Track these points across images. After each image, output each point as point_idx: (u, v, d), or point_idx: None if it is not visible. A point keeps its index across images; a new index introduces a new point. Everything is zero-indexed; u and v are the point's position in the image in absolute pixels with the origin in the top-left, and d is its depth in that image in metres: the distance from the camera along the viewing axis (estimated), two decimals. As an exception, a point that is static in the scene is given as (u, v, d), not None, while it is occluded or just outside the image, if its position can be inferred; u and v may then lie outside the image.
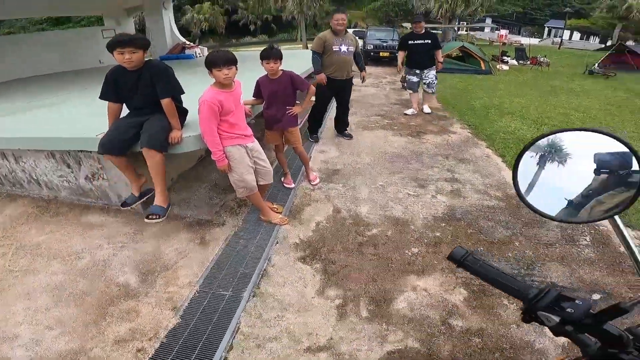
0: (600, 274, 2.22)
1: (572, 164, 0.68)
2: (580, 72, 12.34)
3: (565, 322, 0.56)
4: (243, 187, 2.50)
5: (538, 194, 0.70)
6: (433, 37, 5.41)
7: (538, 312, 0.57)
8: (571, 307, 0.56)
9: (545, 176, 0.70)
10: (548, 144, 0.69)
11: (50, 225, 2.84)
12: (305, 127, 4.98)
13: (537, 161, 0.71)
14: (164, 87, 2.39)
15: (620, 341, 0.56)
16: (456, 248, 0.67)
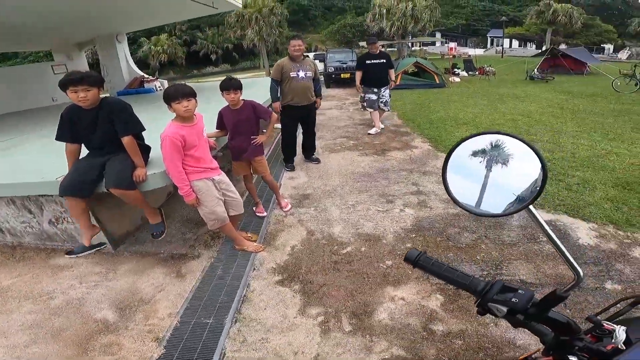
0: (563, 268, 2.38)
1: (517, 164, 0.73)
2: (522, 79, 13.40)
3: (513, 312, 0.59)
4: (214, 220, 2.49)
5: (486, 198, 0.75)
6: (387, 56, 5.80)
7: (488, 304, 0.60)
8: (515, 297, 0.59)
9: (494, 178, 0.74)
10: (492, 148, 0.75)
11: (17, 269, 2.74)
12: (274, 155, 5.06)
13: (485, 165, 0.75)
14: (123, 125, 2.35)
15: (569, 327, 0.61)
16: (410, 250, 0.71)
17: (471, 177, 0.76)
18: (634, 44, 39.46)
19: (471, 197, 0.76)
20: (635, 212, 3.02)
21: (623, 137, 5.19)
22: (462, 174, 0.78)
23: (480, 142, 0.75)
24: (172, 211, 3.47)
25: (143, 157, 2.49)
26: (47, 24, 6.50)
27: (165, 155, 2.25)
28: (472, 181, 0.76)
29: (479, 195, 0.75)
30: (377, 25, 26.83)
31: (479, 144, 0.75)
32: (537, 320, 0.61)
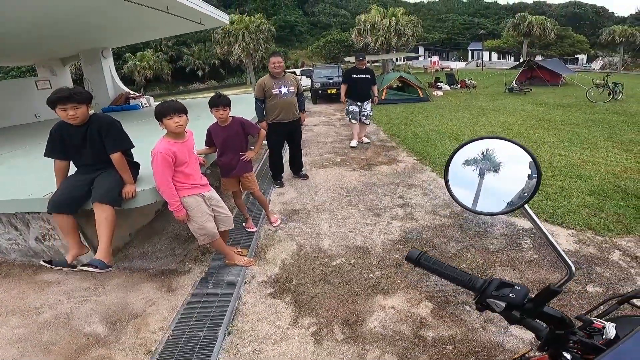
0: (545, 273, 2.48)
1: (507, 171, 0.78)
2: (502, 91, 13.87)
3: (510, 307, 0.62)
4: (204, 235, 2.50)
5: (484, 198, 0.80)
6: (372, 72, 6.11)
7: (487, 300, 0.64)
8: (512, 292, 0.63)
9: (486, 184, 0.79)
10: (483, 157, 0.80)
11: (3, 285, 2.70)
12: (263, 171, 5.10)
13: (478, 173, 0.80)
14: (112, 141, 2.35)
15: (564, 322, 0.64)
16: (411, 250, 0.75)
17: (465, 185, 0.82)
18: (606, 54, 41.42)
19: (467, 203, 0.82)
20: (612, 218, 3.16)
21: (598, 147, 5.44)
22: (457, 183, 0.84)
23: (473, 151, 0.81)
24: (160, 228, 3.46)
25: (132, 174, 2.50)
26: (30, 38, 6.44)
27: (156, 171, 2.27)
28: (466, 189, 0.82)
29: (472, 202, 0.81)
30: (362, 40, 27.50)
31: (471, 153, 0.82)
32: (532, 316, 0.63)
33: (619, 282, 2.34)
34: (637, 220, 3.08)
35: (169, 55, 40.32)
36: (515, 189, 0.78)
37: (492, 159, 0.79)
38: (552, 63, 17.41)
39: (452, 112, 9.42)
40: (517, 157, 0.77)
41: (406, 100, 11.67)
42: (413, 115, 9.16)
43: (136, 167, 2.64)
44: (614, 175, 4.13)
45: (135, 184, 2.51)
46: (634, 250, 2.68)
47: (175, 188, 2.35)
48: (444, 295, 2.31)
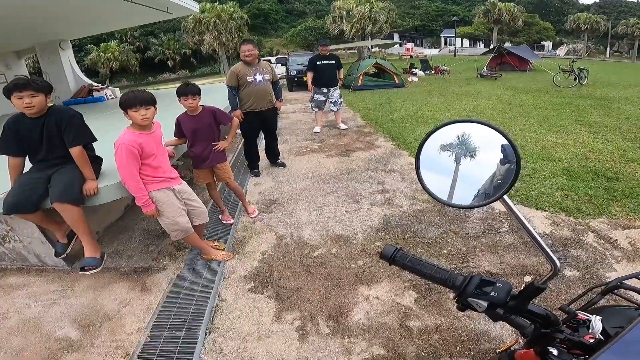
0: (524, 257, 2.51)
1: (482, 156, 0.72)
2: (474, 77, 14.17)
3: (493, 306, 0.58)
4: (177, 230, 2.40)
5: (461, 187, 0.74)
6: (336, 57, 6.05)
7: (468, 300, 0.59)
8: (494, 290, 0.58)
9: (463, 171, 0.73)
10: (459, 142, 0.73)
11: None
12: (238, 161, 4.96)
13: (453, 159, 0.74)
14: (73, 135, 2.20)
15: (549, 320, 0.61)
16: (386, 247, 0.68)
17: (441, 171, 0.76)
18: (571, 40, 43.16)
19: (443, 191, 0.75)
20: (584, 199, 3.26)
21: (566, 129, 5.63)
22: (433, 169, 0.77)
23: (448, 136, 0.75)
24: (130, 225, 3.29)
25: (94, 169, 2.34)
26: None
27: (121, 164, 2.13)
28: (442, 175, 0.75)
29: (449, 190, 0.75)
30: (337, 27, 27.26)
31: (447, 138, 0.75)
32: (517, 313, 0.60)
33: (594, 265, 2.39)
34: (607, 201, 3.18)
35: (135, 45, 38.62)
36: (488, 180, 0.73)
37: (468, 144, 0.73)
38: (520, 49, 17.94)
39: (427, 98, 9.51)
40: (494, 142, 0.71)
41: (382, 86, 11.70)
42: (389, 101, 9.18)
43: (98, 162, 2.49)
44: (583, 157, 4.28)
45: (98, 180, 2.37)
46: (607, 231, 2.76)
47: (143, 182, 2.22)
48: (427, 283, 2.29)
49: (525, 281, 2.26)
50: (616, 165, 3.97)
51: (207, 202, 3.57)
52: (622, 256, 2.45)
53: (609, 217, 2.94)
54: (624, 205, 3.10)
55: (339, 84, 6.18)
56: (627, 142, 4.78)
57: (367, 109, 8.18)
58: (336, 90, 6.10)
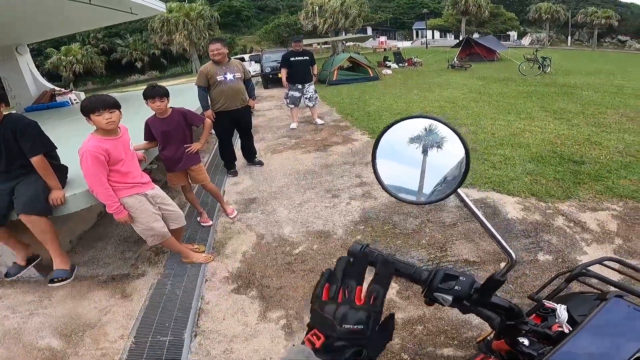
0: None
1: (448, 147, 0.70)
2: (445, 67, 14.49)
3: (458, 300, 0.58)
4: (153, 236, 2.35)
5: (430, 177, 0.71)
6: (310, 53, 6.07)
7: (434, 294, 0.59)
8: (457, 284, 0.58)
9: (430, 162, 0.71)
10: (426, 133, 0.71)
11: None
12: (215, 161, 4.87)
13: (421, 150, 0.71)
14: (30, 144, 2.11)
15: (513, 312, 0.62)
16: (353, 245, 0.66)
17: (409, 163, 0.74)
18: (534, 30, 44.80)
19: (412, 183, 0.73)
20: (552, 183, 3.39)
21: (533, 116, 5.85)
22: (401, 161, 0.75)
23: (415, 128, 0.73)
24: (105, 232, 3.18)
25: (59, 178, 2.26)
26: None
27: (87, 171, 2.06)
28: (411, 167, 0.73)
29: (419, 181, 0.73)
30: (310, 22, 27.10)
31: (413, 129, 0.73)
32: (481, 306, 0.61)
33: (566, 248, 2.48)
34: (575, 185, 3.32)
35: (99, 47, 37.10)
36: (453, 171, 0.72)
37: (435, 135, 0.71)
38: (487, 40, 18.50)
39: (401, 90, 9.65)
40: (449, 136, 0.70)
41: (357, 80, 11.77)
42: (364, 94, 9.25)
43: (63, 171, 2.39)
44: (549, 142, 4.46)
45: (65, 189, 2.29)
46: (575, 214, 2.88)
47: (113, 189, 2.15)
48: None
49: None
50: (581, 149, 4.16)
51: (184, 205, 3.50)
52: (591, 239, 2.56)
53: (577, 200, 3.08)
54: (591, 187, 3.25)
55: (314, 79, 6.19)
56: (590, 127, 5.02)
57: (342, 103, 8.21)
58: (311, 86, 6.12)
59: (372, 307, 0.49)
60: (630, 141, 4.29)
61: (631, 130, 4.71)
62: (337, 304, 0.49)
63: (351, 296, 0.50)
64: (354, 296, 0.50)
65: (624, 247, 2.44)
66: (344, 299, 0.50)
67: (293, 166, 4.52)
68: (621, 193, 3.10)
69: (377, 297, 0.49)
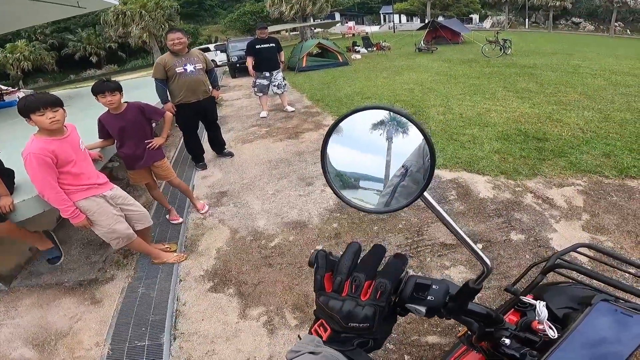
0: (473, 223, 2.63)
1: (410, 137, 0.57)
2: (413, 51, 14.62)
3: (432, 311, 0.54)
4: (117, 238, 2.22)
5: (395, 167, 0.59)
6: (276, 40, 5.93)
7: (405, 305, 0.54)
8: (430, 293, 0.53)
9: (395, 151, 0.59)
10: (390, 119, 0.59)
11: None
12: (182, 156, 4.67)
13: (385, 137, 0.59)
14: None
15: (491, 319, 0.59)
16: (313, 253, 0.58)
17: (376, 152, 0.60)
18: (494, 13, 46.03)
19: (379, 174, 0.61)
20: (519, 161, 3.48)
21: (497, 96, 6.00)
22: (367, 150, 0.62)
23: (376, 116, 0.60)
24: (67, 236, 2.98)
25: (6, 184, 2.08)
26: None
27: (34, 176, 1.90)
28: (377, 156, 0.60)
29: (384, 172, 0.60)
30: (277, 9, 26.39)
31: (376, 117, 0.60)
32: (457, 314, 0.57)
33: (536, 226, 2.53)
34: (540, 161, 3.43)
35: (48, 43, 34.64)
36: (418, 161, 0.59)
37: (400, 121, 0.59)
38: (452, 23, 18.81)
39: (371, 74, 9.64)
40: (412, 131, 0.57)
41: (327, 66, 11.66)
42: (334, 80, 9.17)
43: (9, 175, 2.21)
44: (514, 121, 4.59)
45: (13, 195, 2.13)
46: (542, 191, 2.97)
47: (66, 192, 2.00)
48: None
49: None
50: (544, 126, 4.31)
51: (152, 203, 3.33)
52: (560, 215, 2.64)
53: (544, 177, 3.17)
54: (556, 164, 3.36)
55: (281, 66, 6.07)
56: (551, 105, 5.21)
57: (313, 89, 8.10)
58: (279, 73, 6.00)
59: (378, 301, 0.47)
60: (589, 118, 4.48)
61: (590, 108, 4.92)
62: (342, 300, 0.48)
63: (358, 291, 0.48)
64: (361, 291, 0.48)
65: (591, 223, 2.51)
66: (349, 294, 0.48)
67: (264, 155, 4.41)
68: (584, 168, 3.22)
69: (383, 292, 0.48)
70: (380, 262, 0.52)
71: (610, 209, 2.64)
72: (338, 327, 0.47)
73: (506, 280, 2.07)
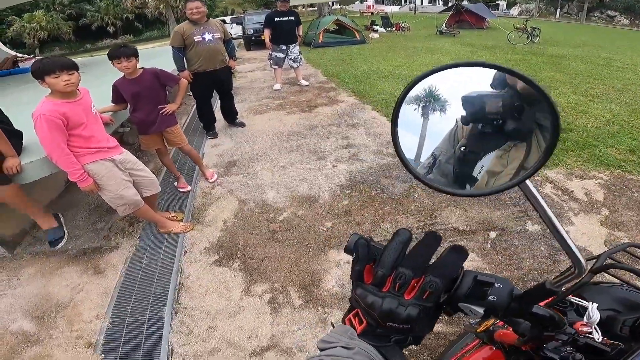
0: (488, 211, 2.52)
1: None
2: (433, 33, 14.11)
3: (491, 312, 0.46)
4: (124, 204, 2.17)
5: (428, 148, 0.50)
6: (296, 14, 5.76)
7: (459, 304, 0.46)
8: (492, 293, 0.46)
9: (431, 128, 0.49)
10: (426, 94, 0.49)
11: None
12: (193, 123, 4.61)
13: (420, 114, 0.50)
14: None
15: (553, 322, 0.52)
16: (351, 236, 0.49)
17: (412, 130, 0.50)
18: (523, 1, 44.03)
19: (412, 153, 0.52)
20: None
21: (521, 83, 5.75)
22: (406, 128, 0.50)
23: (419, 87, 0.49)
24: (73, 201, 2.95)
25: (14, 145, 2.03)
26: None
27: (43, 137, 1.86)
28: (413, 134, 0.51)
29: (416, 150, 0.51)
30: (295, -17, 25.57)
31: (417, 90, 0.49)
32: (516, 317, 0.50)
33: None
34: (563, 152, 3.28)
35: (66, 13, 34.41)
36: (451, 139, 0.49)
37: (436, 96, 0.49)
38: (477, 7, 17.98)
39: (388, 53, 9.34)
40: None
41: (343, 43, 11.34)
42: (351, 57, 8.92)
43: (18, 136, 2.17)
44: (537, 109, 4.38)
45: (21, 156, 2.08)
46: (563, 182, 2.84)
47: (75, 155, 1.96)
48: None
49: (490, 237, 2.27)
50: (569, 117, 4.11)
51: (160, 170, 3.28)
52: (579, 208, 2.53)
53: (565, 168, 3.04)
54: (579, 155, 3.22)
55: (299, 40, 5.90)
56: (578, 96, 4.97)
57: (328, 65, 7.90)
58: (295, 47, 5.84)
59: (425, 301, 0.41)
60: (617, 111, 4.27)
61: (618, 101, 4.68)
62: (382, 297, 0.42)
63: (402, 290, 0.42)
64: (406, 289, 0.42)
65: (610, 219, 2.42)
66: (391, 290, 0.42)
67: (276, 127, 4.32)
68: (608, 162, 3.08)
69: (432, 292, 0.41)
70: (432, 256, 0.44)
71: (630, 206, 2.52)
72: (374, 323, 0.42)
73: (518, 272, 2.00)
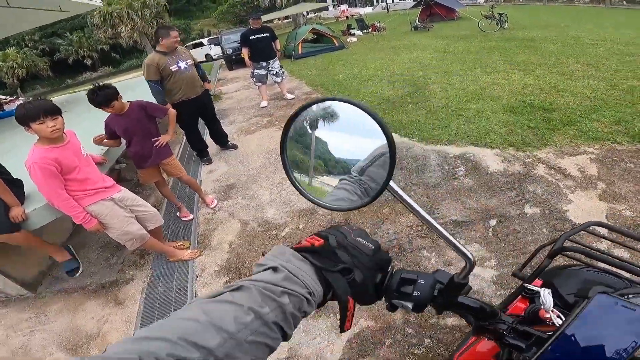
0: (485, 199, 2.58)
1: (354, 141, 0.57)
2: (408, 30, 14.32)
3: (420, 306, 0.52)
4: (131, 240, 2.24)
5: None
6: (270, 29, 5.82)
7: (392, 301, 0.52)
8: (416, 289, 0.51)
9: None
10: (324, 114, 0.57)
11: None
12: (187, 152, 4.66)
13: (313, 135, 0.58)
14: None
15: (485, 312, 0.56)
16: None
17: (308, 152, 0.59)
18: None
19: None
20: (527, 132, 3.42)
21: (498, 70, 5.88)
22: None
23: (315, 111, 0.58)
24: (85, 239, 3.03)
25: (16, 194, 2.09)
26: None
27: (40, 185, 1.90)
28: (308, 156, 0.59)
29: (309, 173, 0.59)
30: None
31: (314, 113, 0.58)
32: (447, 309, 0.55)
33: (551, 198, 2.48)
34: (549, 131, 3.36)
35: (39, 49, 34.39)
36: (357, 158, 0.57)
37: (330, 116, 0.57)
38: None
39: (368, 55, 9.49)
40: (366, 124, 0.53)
41: (323, 51, 11.48)
42: (332, 64, 9.05)
43: (19, 185, 2.23)
44: (519, 93, 4.51)
45: (25, 204, 2.16)
46: (554, 161, 2.91)
47: (75, 198, 2.01)
48: (399, 244, 2.32)
49: (491, 226, 2.32)
50: (550, 97, 4.22)
51: (162, 202, 3.34)
52: (574, 185, 2.58)
53: (554, 147, 3.11)
54: (565, 133, 3.30)
55: (277, 55, 6.00)
56: (555, 76, 5.10)
57: (311, 75, 8.01)
58: (276, 62, 5.93)
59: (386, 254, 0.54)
60: (596, 86, 4.38)
61: (595, 77, 4.80)
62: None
63: None
64: None
65: (608, 192, 2.45)
66: None
67: (268, 145, 4.39)
68: (596, 136, 3.15)
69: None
70: None
71: (626, 176, 2.58)
72: (342, 240, 0.50)
73: (524, 258, 2.02)
